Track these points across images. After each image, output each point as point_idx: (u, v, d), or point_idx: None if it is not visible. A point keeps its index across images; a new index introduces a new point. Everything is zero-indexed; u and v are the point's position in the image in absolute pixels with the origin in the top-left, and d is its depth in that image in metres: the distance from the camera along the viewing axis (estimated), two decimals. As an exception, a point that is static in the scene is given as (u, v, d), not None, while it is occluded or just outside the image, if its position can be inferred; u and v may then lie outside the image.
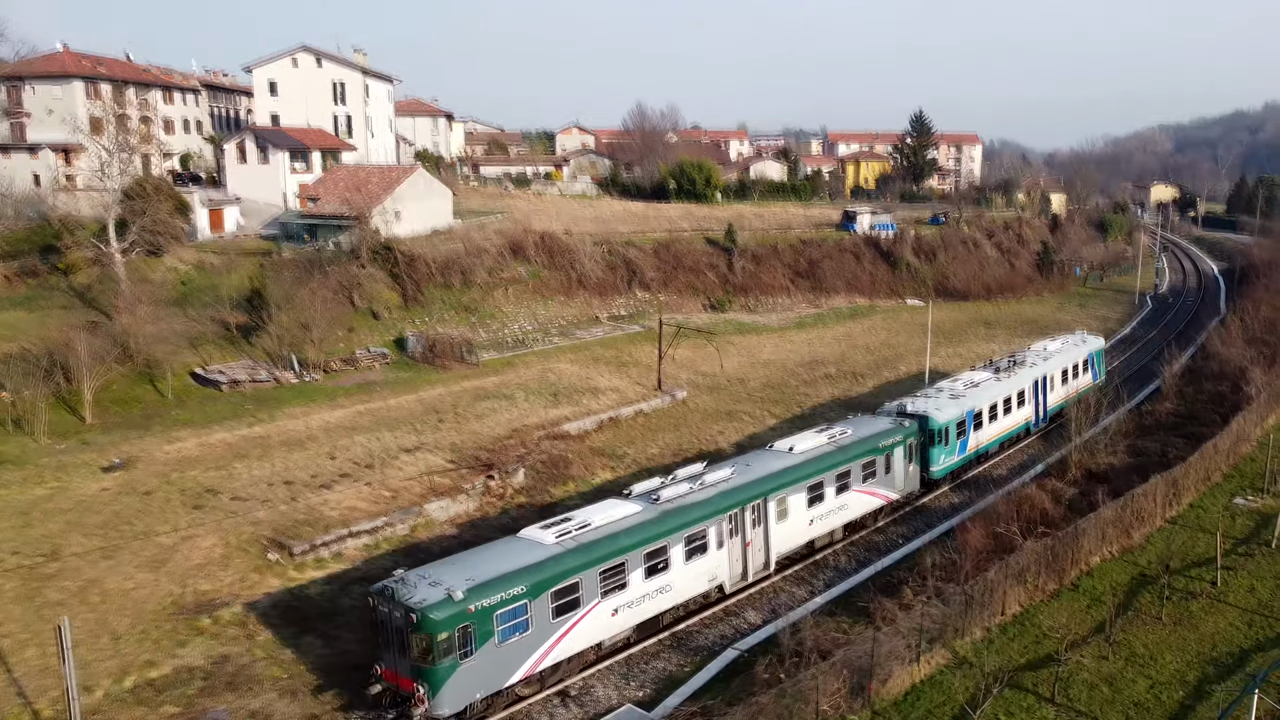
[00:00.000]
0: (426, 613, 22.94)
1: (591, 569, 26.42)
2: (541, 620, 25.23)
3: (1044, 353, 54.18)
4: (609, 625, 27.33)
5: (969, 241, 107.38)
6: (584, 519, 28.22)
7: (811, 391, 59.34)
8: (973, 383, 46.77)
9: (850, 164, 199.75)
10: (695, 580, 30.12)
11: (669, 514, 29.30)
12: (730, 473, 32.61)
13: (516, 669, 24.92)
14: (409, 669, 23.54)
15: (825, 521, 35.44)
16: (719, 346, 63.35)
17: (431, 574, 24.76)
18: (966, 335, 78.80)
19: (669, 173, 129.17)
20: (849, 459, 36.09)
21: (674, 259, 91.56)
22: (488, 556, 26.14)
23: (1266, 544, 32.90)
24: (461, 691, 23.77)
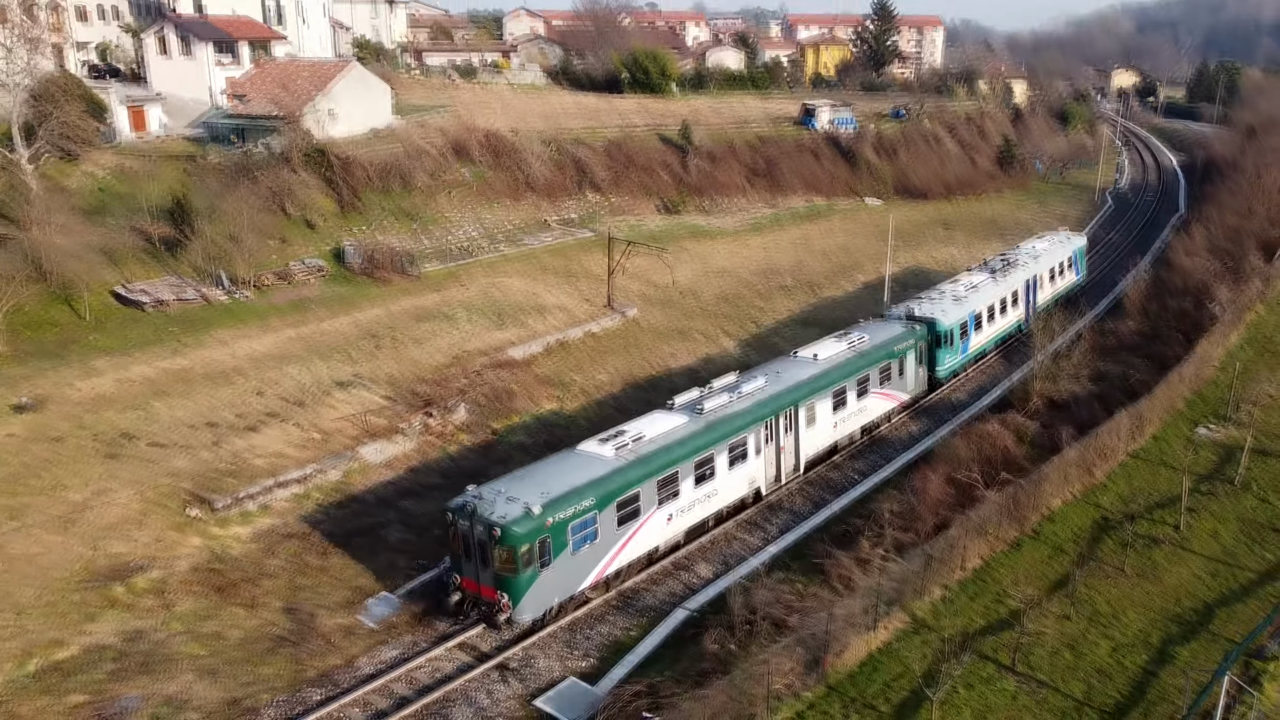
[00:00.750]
0: (510, 527, 24.52)
1: (650, 480, 28.13)
2: (608, 529, 27.02)
3: (1033, 252, 54.80)
4: (664, 531, 29.33)
5: (930, 137, 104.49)
6: (637, 431, 29.52)
7: (767, 305, 57.40)
8: (972, 285, 47.49)
9: (810, 50, 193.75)
10: (737, 486, 32.01)
11: (713, 424, 30.81)
12: (764, 382, 33.95)
13: (587, 575, 26.87)
14: (491, 579, 25.17)
15: (847, 425, 37.31)
16: (669, 262, 60.76)
17: (505, 489, 26.00)
18: (925, 238, 76.94)
19: (622, 63, 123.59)
20: (868, 364, 37.94)
21: (626, 158, 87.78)
22: (554, 471, 27.39)
23: (1230, 481, 32.07)
24: (541, 599, 25.62)
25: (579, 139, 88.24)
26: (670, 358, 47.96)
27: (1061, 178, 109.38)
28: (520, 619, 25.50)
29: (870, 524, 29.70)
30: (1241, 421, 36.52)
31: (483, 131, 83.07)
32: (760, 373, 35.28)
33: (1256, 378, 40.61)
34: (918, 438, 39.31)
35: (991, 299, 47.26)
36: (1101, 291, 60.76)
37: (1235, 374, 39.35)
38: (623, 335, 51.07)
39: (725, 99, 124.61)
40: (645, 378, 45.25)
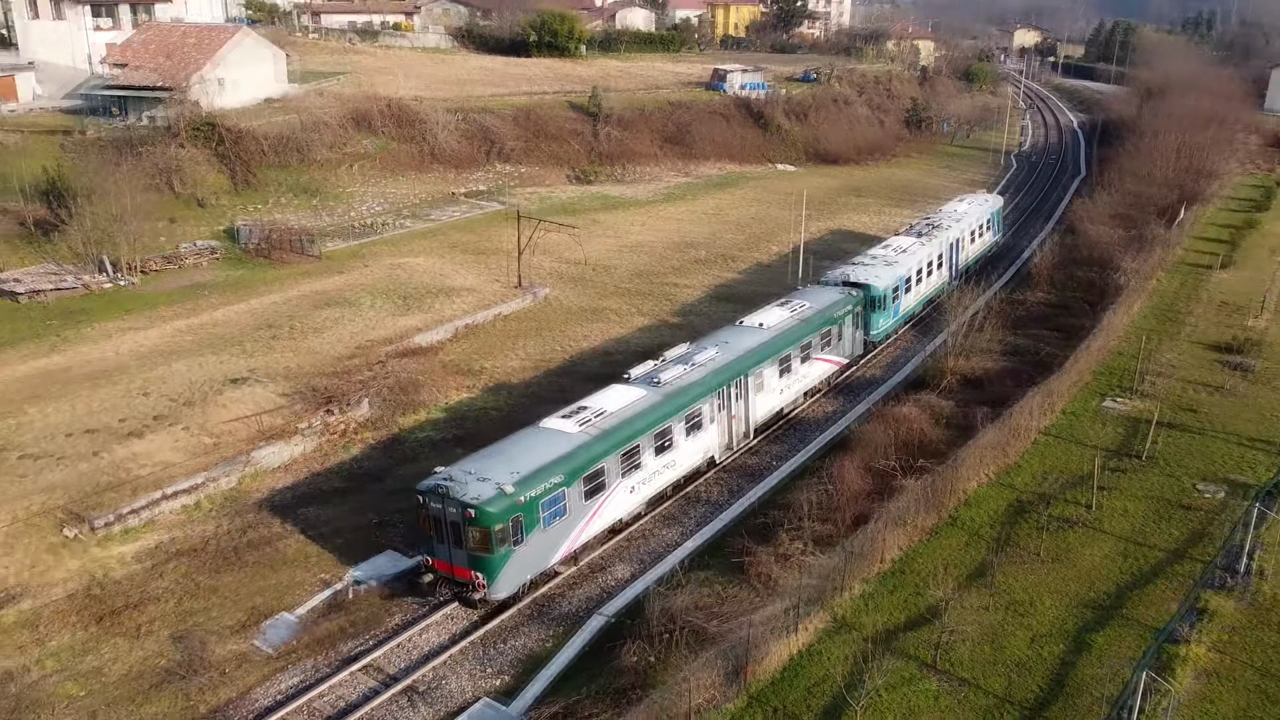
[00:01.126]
0: (484, 507, 24.69)
1: (614, 453, 28.53)
2: (576, 504, 27.36)
3: (955, 215, 55.90)
4: (627, 503, 29.86)
5: (840, 100, 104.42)
6: (599, 406, 29.88)
7: (681, 280, 56.43)
8: (901, 249, 48.21)
9: (721, 9, 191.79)
10: (693, 455, 32.69)
11: (671, 395, 31.30)
12: (715, 351, 34.43)
13: (557, 550, 27.31)
14: (465, 559, 25.38)
15: (792, 390, 38.31)
16: (580, 240, 59.41)
17: (475, 469, 26.15)
18: (838, 205, 76.84)
19: (529, 24, 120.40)
20: (811, 330, 38.78)
21: (536, 127, 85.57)
22: (521, 448, 27.46)
23: (1137, 456, 32.39)
24: (515, 576, 26.01)
25: (487, 107, 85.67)
26: (583, 339, 46.70)
27: (968, 139, 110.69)
28: (496, 597, 25.88)
29: (789, 516, 29.15)
30: (1147, 393, 37.03)
31: (385, 100, 80.00)
32: (710, 342, 35.71)
33: (1159, 347, 41.37)
34: (834, 418, 38.96)
35: (919, 262, 48.15)
36: (1009, 258, 61.41)
37: (1141, 346, 39.89)
38: (535, 317, 49.59)
39: (635, 61, 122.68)
40: (559, 362, 43.93)
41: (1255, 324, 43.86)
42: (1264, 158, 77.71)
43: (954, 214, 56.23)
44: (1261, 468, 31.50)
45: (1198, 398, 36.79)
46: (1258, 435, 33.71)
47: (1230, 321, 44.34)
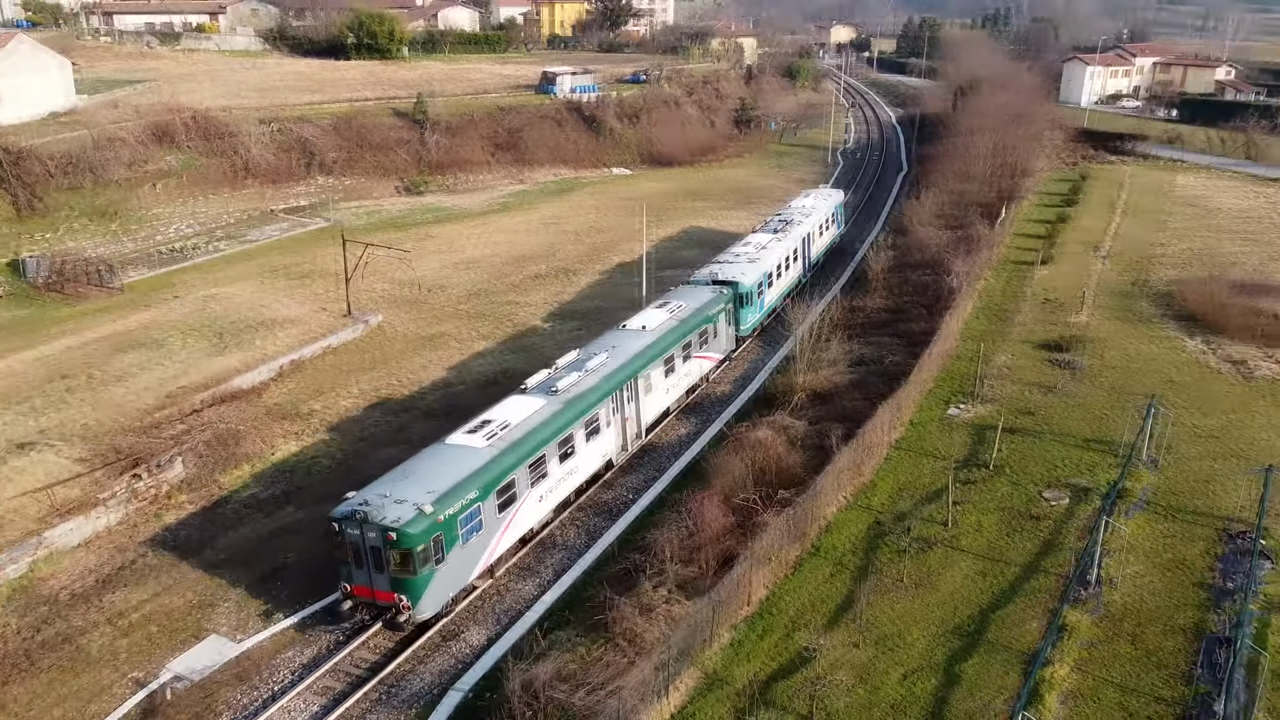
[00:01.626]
0: (404, 529, 24.50)
1: (522, 465, 28.70)
2: (491, 518, 27.43)
3: (805, 210, 57.93)
4: (537, 512, 30.20)
5: (671, 101, 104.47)
6: (502, 419, 29.98)
7: (521, 298, 54.42)
8: (762, 245, 49.77)
9: (546, 7, 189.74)
10: (593, 459, 33.20)
11: (570, 403, 31.56)
12: (605, 356, 34.88)
13: (476, 565, 27.35)
14: (387, 582, 25.15)
15: (677, 389, 39.34)
16: (411, 261, 56.49)
17: (389, 491, 25.85)
18: (676, 210, 76.47)
19: (345, 25, 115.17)
20: (690, 330, 39.57)
21: (358, 136, 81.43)
22: (430, 467, 27.32)
23: (985, 465, 32.86)
24: (439, 594, 25.93)
25: (303, 116, 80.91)
26: (423, 370, 44.08)
27: (795, 137, 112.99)
28: (421, 617, 25.78)
29: (650, 559, 27.85)
30: (987, 398, 37.83)
31: (190, 111, 74.18)
32: (597, 348, 36.15)
33: (994, 349, 42.52)
34: (688, 441, 38.01)
35: (779, 257, 49.77)
36: (844, 260, 62.43)
37: (976, 349, 40.83)
38: (367, 347, 46.54)
39: (461, 63, 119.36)
40: (397, 398, 41.21)
41: (1078, 320, 45.76)
42: (1068, 151, 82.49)
43: (803, 209, 57.99)
44: (1099, 470, 32.44)
45: (1033, 399, 37.82)
46: (1092, 435, 34.80)
47: (1055, 319, 46.10)
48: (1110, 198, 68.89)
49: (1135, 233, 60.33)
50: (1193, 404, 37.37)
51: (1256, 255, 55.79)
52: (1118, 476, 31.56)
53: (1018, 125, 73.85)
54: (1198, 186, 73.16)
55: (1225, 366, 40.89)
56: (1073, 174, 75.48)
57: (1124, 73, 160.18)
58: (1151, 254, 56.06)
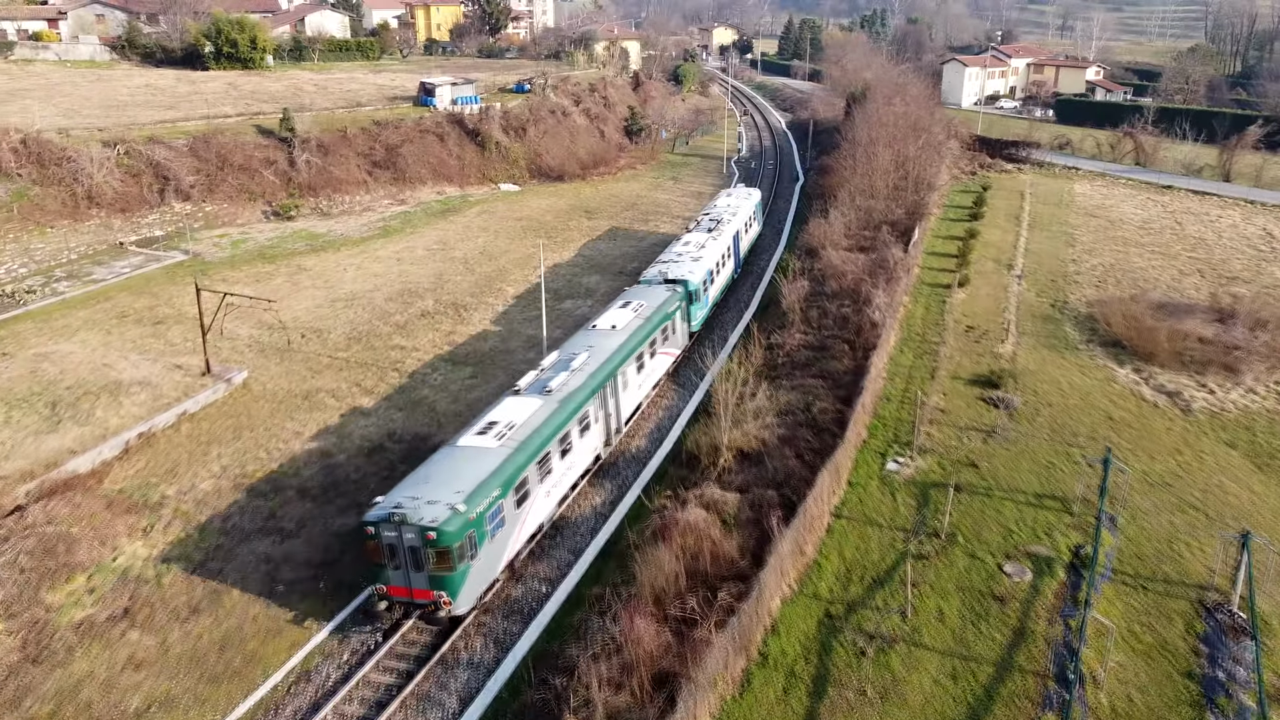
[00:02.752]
0: (442, 528, 25.49)
1: (532, 462, 29.68)
2: (511, 514, 28.50)
3: (731, 209, 60.77)
4: (546, 507, 31.43)
5: (558, 111, 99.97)
6: (507, 420, 31.00)
7: (408, 341, 49.31)
8: (701, 244, 51.99)
9: (421, 9, 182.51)
10: (586, 455, 34.49)
11: (564, 401, 32.76)
12: (587, 356, 36.08)
13: (501, 559, 28.50)
14: (426, 580, 26.11)
15: (646, 385, 40.86)
16: (278, 310, 50.80)
17: (417, 494, 26.89)
18: (570, 230, 72.22)
19: (202, 33, 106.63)
20: (654, 328, 41.06)
21: (219, 157, 74.34)
22: (451, 469, 28.29)
23: (936, 534, 29.79)
24: (474, 589, 27.02)
25: (155, 136, 73.43)
26: (295, 438, 38.70)
27: (688, 146, 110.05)
28: (459, 611, 26.71)
29: (574, 684, 23.65)
30: (924, 447, 34.94)
31: (18, 135, 66.08)
32: (575, 348, 37.26)
33: (923, 386, 39.78)
34: (604, 512, 33.93)
35: (717, 255, 52.08)
36: (750, 281, 59.37)
37: (904, 389, 37.99)
38: (231, 412, 40.82)
39: (332, 71, 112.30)
40: (264, 474, 35.81)
41: (1004, 350, 43.54)
42: (966, 160, 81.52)
43: (730, 209, 60.83)
44: (1056, 531, 29.78)
45: (973, 447, 35.10)
46: (1041, 489, 32.20)
47: (980, 349, 43.77)
48: (1014, 209, 67.75)
49: (1045, 248, 59.01)
50: (1137, 445, 35.28)
51: (1167, 270, 54.96)
52: (1078, 545, 28.92)
53: (915, 135, 72.15)
54: (1096, 195, 72.84)
55: (1161, 399, 39.11)
56: (974, 185, 74.29)
57: (1000, 74, 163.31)
58: (1065, 271, 54.64)
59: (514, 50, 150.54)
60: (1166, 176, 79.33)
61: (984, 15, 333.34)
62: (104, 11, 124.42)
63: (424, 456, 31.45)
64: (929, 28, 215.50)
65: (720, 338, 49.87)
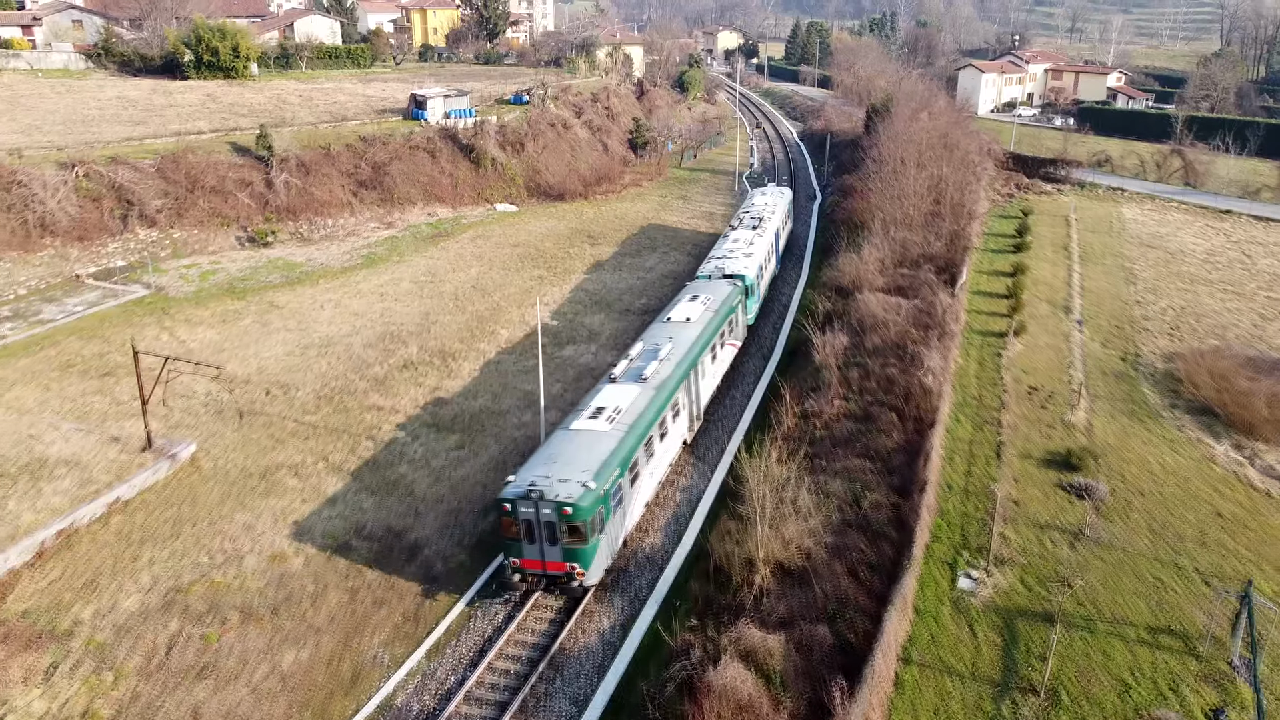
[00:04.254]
0: (578, 504, 27.15)
1: (640, 445, 31.24)
2: (627, 492, 30.26)
3: (770, 207, 62.10)
4: (650, 487, 33.03)
5: (558, 124, 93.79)
6: (613, 405, 32.21)
7: (387, 400, 43.21)
8: (749, 242, 53.40)
9: (418, 13, 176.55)
10: (677, 439, 35.98)
11: (659, 388, 33.91)
12: (671, 346, 37.16)
13: (621, 534, 30.32)
14: (559, 553, 27.76)
15: (717, 374, 41.66)
16: (228, 382, 44.67)
17: (548, 473, 28.42)
18: (571, 259, 66.12)
19: (180, 41, 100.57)
20: (722, 320, 41.97)
21: (190, 178, 68.26)
22: (571, 451, 29.60)
23: (1033, 690, 23.64)
24: (602, 561, 28.79)
25: (119, 155, 67.36)
26: (245, 533, 32.59)
27: (695, 160, 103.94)
28: (590, 583, 28.14)
29: None
30: (1002, 558, 28.81)
31: (-38, 157, 59.96)
32: (656, 339, 38.38)
33: (988, 470, 33.69)
34: (614, 641, 27.83)
35: (764, 251, 53.48)
36: (771, 320, 53.29)
37: (967, 472, 31.90)
38: (172, 498, 34.69)
39: (320, 80, 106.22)
40: (204, 588, 29.68)
41: (1076, 419, 37.40)
42: (1001, 181, 75.12)
43: (768, 206, 62.18)
44: (1184, 686, 23.66)
45: (1061, 554, 29.01)
46: (1154, 619, 26.10)
47: (1049, 417, 37.63)
48: (1061, 238, 61.49)
49: (1103, 286, 52.81)
50: (1259, 553, 29.18)
51: (1245, 314, 48.72)
52: (1217, 709, 22.78)
53: (948, 152, 65.97)
54: (1149, 222, 66.44)
55: (1275, 486, 32.94)
56: (1014, 209, 68.01)
57: (1017, 80, 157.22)
58: (1130, 316, 48.44)
59: (512, 56, 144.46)
60: (1223, 200, 72.75)
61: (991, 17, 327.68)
62: (81, 17, 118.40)
63: (398, 556, 31.65)
64: (939, 31, 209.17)
65: (743, 394, 43.73)
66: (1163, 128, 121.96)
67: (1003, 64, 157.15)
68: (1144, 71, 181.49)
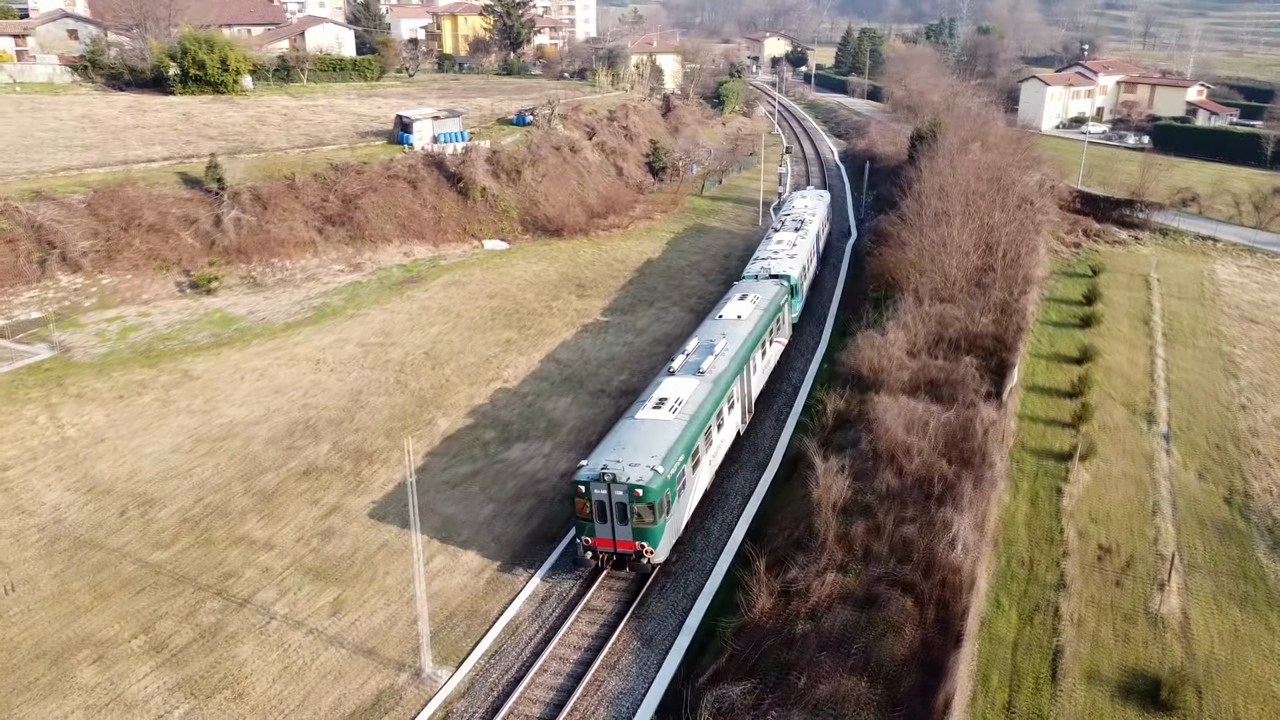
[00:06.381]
0: (649, 486, 28.77)
1: (701, 434, 32.58)
2: (689, 477, 31.59)
3: (811, 210, 63.94)
4: (708, 474, 34.52)
5: (565, 146, 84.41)
6: (675, 396, 33.70)
7: (265, 530, 33.99)
8: (793, 244, 54.71)
9: (448, 19, 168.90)
10: (731, 431, 37.39)
11: (715, 381, 35.49)
12: (725, 342, 38.73)
13: (685, 516, 31.82)
14: (631, 533, 29.37)
15: (766, 370, 43.18)
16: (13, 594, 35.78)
17: (619, 458, 30.00)
18: (550, 315, 56.62)
19: (164, 53, 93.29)
20: (770, 318, 43.45)
21: (126, 215, 60.17)
22: (638, 438, 31.20)
23: None
24: (669, 540, 30.32)
25: (44, 190, 59.38)
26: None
27: (720, 186, 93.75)
28: (658, 560, 29.83)
29: None
30: None
31: None
32: (709, 335, 39.78)
33: (1039, 704, 23.37)
34: None
35: (807, 253, 54.99)
36: (771, 418, 43.20)
37: (1009, 707, 21.71)
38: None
39: (315, 95, 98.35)
40: None
41: (1166, 609, 26.84)
42: (1067, 228, 63.56)
43: (809, 209, 63.85)
44: None
45: None
46: None
47: (1128, 604, 27.13)
48: (1140, 307, 50.25)
49: (1196, 379, 41.74)
50: None
51: (1392, 431, 37.45)
52: None
53: (1002, 194, 55.18)
54: (1250, 285, 54.59)
55: None
56: (1082, 265, 56.71)
57: (1086, 93, 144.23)
58: (1234, 429, 37.43)
59: (538, 65, 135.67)
60: (1341, 254, 60.80)
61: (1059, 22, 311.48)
62: (76, 26, 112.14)
63: None
64: (1001, 38, 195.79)
65: (699, 568, 32.94)
66: (1251, 149, 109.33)
67: (1070, 75, 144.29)
68: (1226, 83, 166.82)
